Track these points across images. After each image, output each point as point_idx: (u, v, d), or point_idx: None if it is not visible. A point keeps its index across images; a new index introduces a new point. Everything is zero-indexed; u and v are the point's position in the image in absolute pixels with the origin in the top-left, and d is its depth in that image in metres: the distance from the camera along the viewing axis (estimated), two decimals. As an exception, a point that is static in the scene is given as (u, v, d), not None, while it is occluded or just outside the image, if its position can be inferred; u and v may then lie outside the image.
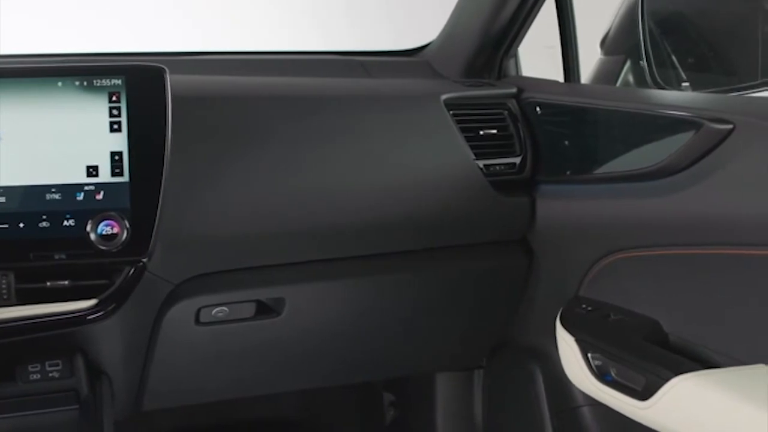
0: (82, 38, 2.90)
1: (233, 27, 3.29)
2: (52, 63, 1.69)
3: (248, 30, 3.25)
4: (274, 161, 1.84)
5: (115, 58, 2.13)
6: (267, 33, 3.22)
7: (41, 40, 2.59)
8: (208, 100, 1.85)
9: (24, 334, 1.65)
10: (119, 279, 1.67)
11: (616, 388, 1.69)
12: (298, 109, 1.90)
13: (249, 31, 3.24)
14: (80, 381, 1.69)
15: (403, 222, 1.93)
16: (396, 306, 2.05)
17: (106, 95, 1.62)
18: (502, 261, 2.09)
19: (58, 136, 1.61)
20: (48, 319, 1.65)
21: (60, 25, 2.99)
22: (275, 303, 1.90)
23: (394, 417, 2.59)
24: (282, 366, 2.06)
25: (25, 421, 1.63)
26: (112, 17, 3.11)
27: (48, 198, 1.60)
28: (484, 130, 2.00)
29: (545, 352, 2.07)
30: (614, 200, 1.84)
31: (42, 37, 2.76)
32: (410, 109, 1.98)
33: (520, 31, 2.17)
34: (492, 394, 2.33)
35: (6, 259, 1.59)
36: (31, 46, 2.26)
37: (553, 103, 2.04)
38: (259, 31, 3.25)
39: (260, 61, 2.22)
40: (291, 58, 2.29)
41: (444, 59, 2.28)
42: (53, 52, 2.14)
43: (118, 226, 1.61)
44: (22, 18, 2.89)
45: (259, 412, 2.62)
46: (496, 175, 1.99)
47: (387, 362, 2.19)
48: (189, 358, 1.92)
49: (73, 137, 1.61)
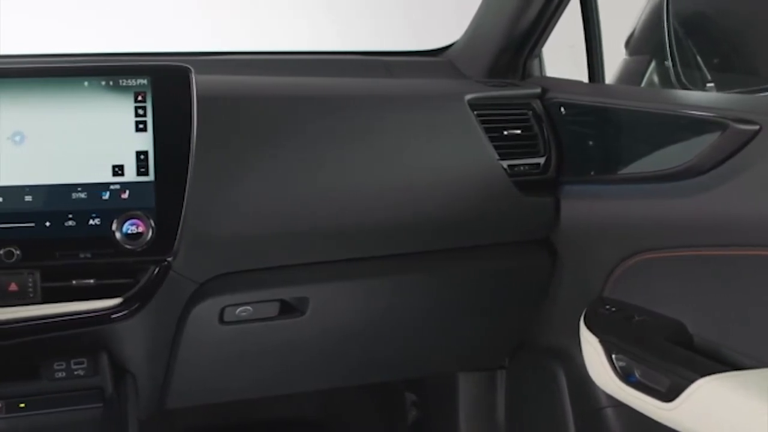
0: (102, 39, 2.91)
1: (252, 27, 3.29)
2: (77, 63, 1.70)
3: (266, 30, 3.26)
4: (297, 161, 1.84)
5: (140, 58, 2.14)
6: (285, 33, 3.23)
7: (61, 41, 2.60)
8: (232, 100, 1.85)
9: (49, 332, 1.66)
10: (144, 278, 1.68)
11: (641, 389, 1.68)
12: (321, 109, 1.90)
13: (266, 30, 3.25)
14: (105, 379, 1.70)
15: (427, 222, 1.93)
16: (419, 306, 2.05)
17: (132, 95, 1.63)
18: (525, 261, 2.09)
19: (84, 135, 1.62)
20: (73, 317, 1.66)
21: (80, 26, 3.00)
22: (299, 302, 1.91)
23: (416, 417, 2.59)
24: (304, 365, 2.06)
25: (50, 419, 1.64)
26: (131, 17, 3.12)
27: (74, 197, 1.61)
28: (508, 130, 2.00)
29: (568, 353, 2.07)
30: (639, 201, 1.83)
31: (62, 38, 2.77)
32: (434, 109, 1.98)
33: (544, 31, 2.17)
34: (514, 395, 2.33)
35: (32, 257, 1.60)
36: (50, 47, 2.27)
37: (578, 103, 2.03)
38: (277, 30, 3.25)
39: (283, 61, 2.23)
40: (314, 58, 2.30)
41: (468, 59, 2.28)
42: (75, 52, 2.15)
43: (143, 226, 1.62)
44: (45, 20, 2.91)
45: (280, 411, 2.63)
46: (520, 175, 1.99)
47: (409, 362, 2.20)
48: (212, 357, 1.93)
49: (98, 137, 1.62)
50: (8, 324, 1.63)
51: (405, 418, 2.60)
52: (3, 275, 1.60)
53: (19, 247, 1.58)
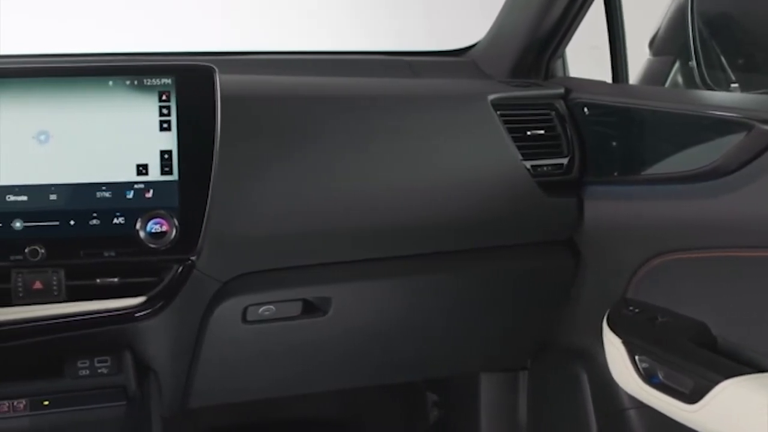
0: (126, 38, 2.92)
1: (271, 26, 3.30)
2: (102, 62, 1.71)
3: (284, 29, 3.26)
4: (320, 161, 1.84)
5: (163, 57, 2.14)
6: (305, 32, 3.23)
7: (85, 41, 2.61)
8: (256, 99, 1.86)
9: (73, 330, 1.67)
10: (168, 277, 1.69)
11: (664, 390, 1.68)
12: (344, 108, 1.90)
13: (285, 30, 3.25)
14: (128, 377, 1.70)
15: (450, 222, 1.93)
16: (441, 306, 2.05)
17: (156, 94, 1.63)
18: (548, 261, 2.08)
19: (108, 134, 1.62)
20: (97, 315, 1.67)
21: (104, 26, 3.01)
22: (321, 302, 1.91)
23: (437, 418, 2.59)
24: (326, 365, 2.06)
25: (74, 416, 1.65)
26: (150, 17, 3.13)
27: (98, 196, 1.61)
28: (531, 130, 2.00)
29: (591, 354, 2.06)
30: (663, 202, 1.82)
31: (86, 38, 2.78)
32: (457, 109, 1.98)
33: (568, 32, 2.16)
34: (536, 396, 2.32)
35: (57, 256, 1.61)
36: (75, 47, 2.28)
37: (601, 103, 2.02)
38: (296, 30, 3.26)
39: (306, 61, 2.23)
40: (337, 58, 2.30)
41: (491, 59, 2.27)
42: (99, 51, 2.16)
43: (167, 225, 1.62)
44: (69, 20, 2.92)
45: (302, 411, 2.63)
46: (543, 175, 1.99)
47: (431, 362, 2.19)
48: (235, 356, 1.93)
49: (123, 136, 1.63)
50: (33, 322, 1.64)
51: (426, 418, 2.60)
52: (28, 273, 1.61)
53: (43, 246, 1.59)
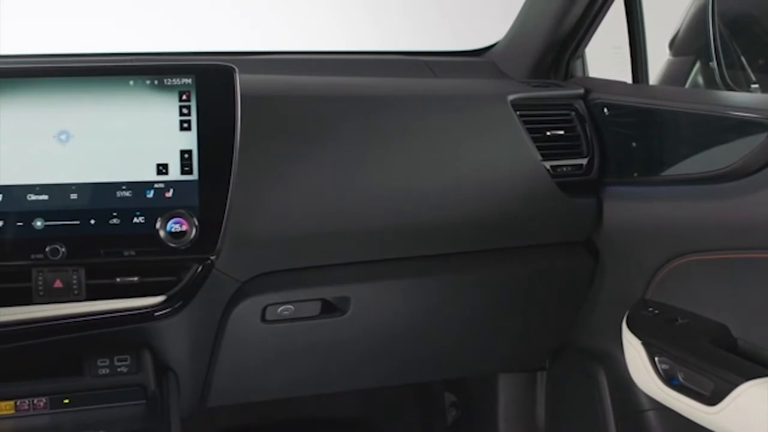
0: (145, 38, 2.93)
1: (289, 26, 3.30)
2: (122, 62, 1.71)
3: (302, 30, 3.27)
4: (339, 161, 1.84)
5: (183, 57, 2.15)
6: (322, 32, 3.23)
7: (105, 41, 2.62)
8: (275, 99, 1.86)
9: (93, 329, 1.67)
10: (187, 276, 1.69)
11: (684, 392, 1.67)
12: (364, 108, 1.90)
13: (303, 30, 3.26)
14: (147, 376, 1.70)
15: (469, 222, 1.92)
16: (460, 306, 2.05)
17: (177, 94, 1.64)
18: (566, 262, 2.08)
19: (128, 134, 1.63)
20: (117, 314, 1.68)
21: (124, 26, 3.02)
22: (340, 302, 1.91)
23: (455, 418, 2.58)
24: (345, 365, 2.06)
25: (94, 415, 1.65)
26: (168, 17, 3.14)
27: (118, 195, 1.62)
28: (551, 130, 1.99)
29: (610, 355, 2.05)
30: (683, 203, 1.81)
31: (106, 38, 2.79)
32: (477, 109, 1.98)
33: (588, 32, 2.16)
34: (555, 397, 2.32)
35: (77, 255, 1.61)
36: (95, 46, 2.29)
37: (621, 104, 2.02)
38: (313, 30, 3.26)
39: (325, 60, 2.23)
40: (356, 58, 2.30)
41: (510, 59, 2.27)
42: (120, 51, 2.17)
43: (187, 224, 1.62)
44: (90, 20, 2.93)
45: (320, 410, 2.63)
46: (562, 176, 1.98)
47: (449, 362, 2.19)
48: (254, 355, 1.93)
49: (143, 135, 1.63)
50: (53, 320, 1.65)
51: (444, 418, 2.60)
52: (48, 272, 1.62)
53: (64, 245, 1.60)
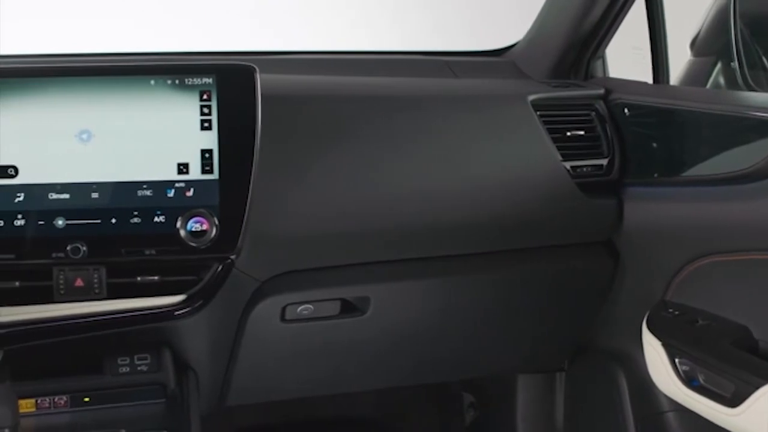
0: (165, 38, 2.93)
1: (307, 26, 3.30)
2: (143, 62, 1.71)
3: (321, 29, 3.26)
4: (360, 160, 1.84)
5: (204, 57, 2.15)
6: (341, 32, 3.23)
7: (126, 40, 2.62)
8: (296, 99, 1.86)
9: (114, 327, 1.68)
10: (207, 275, 1.69)
11: (704, 394, 1.67)
12: (384, 108, 1.91)
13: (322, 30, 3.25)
14: (167, 375, 1.71)
15: (488, 223, 1.92)
16: (478, 306, 2.04)
17: (197, 93, 1.64)
18: (586, 263, 2.07)
19: (149, 133, 1.63)
20: (137, 313, 1.68)
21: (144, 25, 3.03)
22: (360, 302, 1.91)
23: (473, 418, 2.58)
24: (364, 365, 2.06)
25: (114, 413, 1.65)
26: (186, 17, 3.14)
27: (139, 194, 1.62)
28: (571, 131, 1.99)
29: (629, 356, 2.05)
30: (704, 203, 1.81)
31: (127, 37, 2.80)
32: (497, 109, 1.98)
33: (608, 32, 2.15)
34: (574, 398, 2.31)
35: (98, 254, 1.62)
36: (116, 46, 2.29)
37: (642, 104, 2.01)
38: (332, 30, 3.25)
39: (345, 60, 2.23)
40: (376, 58, 2.30)
41: (530, 59, 2.27)
42: (140, 51, 2.17)
43: (207, 223, 1.63)
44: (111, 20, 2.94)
45: (338, 410, 2.63)
46: (583, 176, 1.98)
47: (468, 362, 2.19)
48: (273, 355, 1.94)
49: (164, 135, 1.64)
50: (74, 319, 1.65)
51: (462, 419, 2.60)
52: (69, 271, 1.63)
53: (85, 244, 1.60)
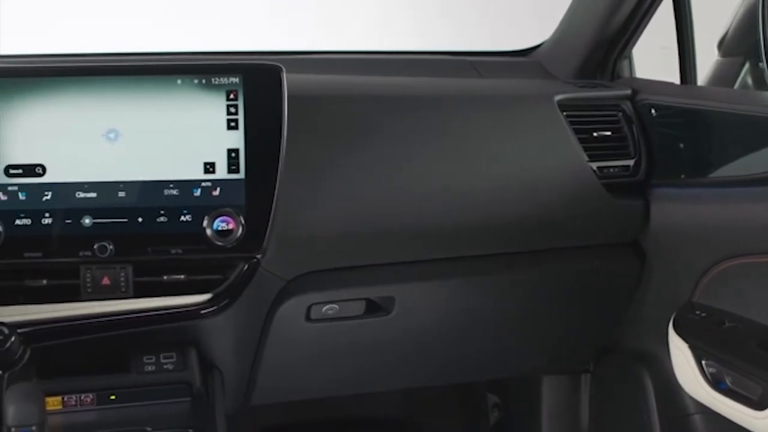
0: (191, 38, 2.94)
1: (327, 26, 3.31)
2: (170, 61, 1.72)
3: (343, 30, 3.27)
4: (385, 160, 1.84)
5: (229, 56, 2.16)
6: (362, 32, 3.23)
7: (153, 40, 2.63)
8: (322, 99, 1.86)
9: (140, 326, 1.68)
10: (233, 274, 1.70)
11: (731, 396, 1.66)
12: (409, 108, 1.90)
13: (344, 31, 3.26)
14: (193, 374, 1.71)
15: (515, 223, 1.92)
16: (503, 307, 2.04)
17: (224, 93, 1.65)
18: (612, 264, 2.06)
19: (176, 132, 1.64)
20: (163, 312, 1.69)
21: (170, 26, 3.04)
22: (385, 302, 1.91)
23: (498, 419, 2.57)
24: (388, 365, 2.06)
25: (139, 411, 1.66)
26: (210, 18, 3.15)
27: (166, 193, 1.63)
28: (598, 131, 1.98)
29: (655, 358, 2.04)
30: (731, 204, 1.80)
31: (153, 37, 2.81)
32: (523, 109, 1.97)
33: (635, 32, 2.14)
34: (599, 400, 2.30)
35: (125, 252, 1.63)
36: (142, 46, 2.30)
37: (669, 105, 2.00)
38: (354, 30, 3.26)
39: (370, 60, 2.23)
40: (401, 58, 2.30)
41: (556, 59, 2.26)
42: (167, 51, 2.18)
43: (234, 223, 1.63)
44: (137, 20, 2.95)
45: (362, 409, 2.63)
46: (609, 177, 1.97)
47: (492, 363, 2.18)
48: (298, 354, 1.94)
49: (191, 134, 1.64)
50: (100, 317, 1.66)
51: (486, 419, 2.59)
52: (96, 269, 1.64)
53: (112, 242, 1.62)
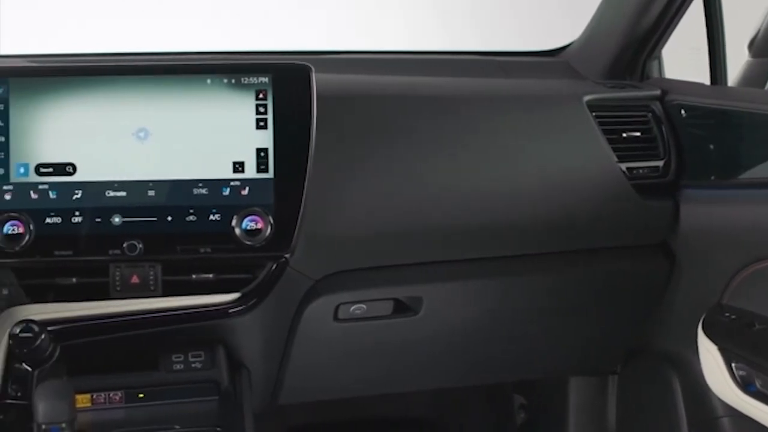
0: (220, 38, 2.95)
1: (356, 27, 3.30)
2: (200, 61, 1.73)
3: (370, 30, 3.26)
4: (413, 160, 1.84)
5: (257, 56, 2.16)
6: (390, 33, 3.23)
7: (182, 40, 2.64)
8: (350, 99, 1.87)
9: (168, 324, 1.69)
10: (262, 274, 1.71)
11: (761, 399, 1.65)
12: (437, 108, 1.90)
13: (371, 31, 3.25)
14: (221, 372, 1.71)
15: (543, 223, 1.92)
16: (532, 308, 2.03)
17: (253, 93, 1.65)
18: (641, 265, 2.06)
19: (205, 132, 1.65)
20: (192, 310, 1.70)
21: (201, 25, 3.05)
22: (413, 302, 1.91)
23: (525, 420, 2.56)
24: (416, 365, 2.06)
25: (168, 409, 1.66)
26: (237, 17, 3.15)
27: (195, 193, 1.64)
28: (627, 132, 1.98)
29: (684, 360, 2.03)
30: (762, 206, 1.79)
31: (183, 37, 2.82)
32: (551, 110, 1.97)
33: (665, 32, 2.13)
34: (626, 401, 2.29)
35: (154, 251, 1.64)
36: (172, 45, 2.31)
37: (699, 105, 1.99)
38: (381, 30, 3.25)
39: (398, 60, 2.23)
40: (430, 58, 2.30)
41: (585, 60, 2.25)
42: (196, 50, 2.19)
43: (262, 222, 1.64)
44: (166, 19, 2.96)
45: (389, 410, 2.63)
46: (638, 178, 1.96)
47: (519, 363, 2.18)
48: (326, 354, 1.94)
49: (220, 133, 1.65)
50: (129, 316, 1.67)
51: (513, 420, 2.58)
52: (125, 268, 1.65)
53: (141, 241, 1.62)
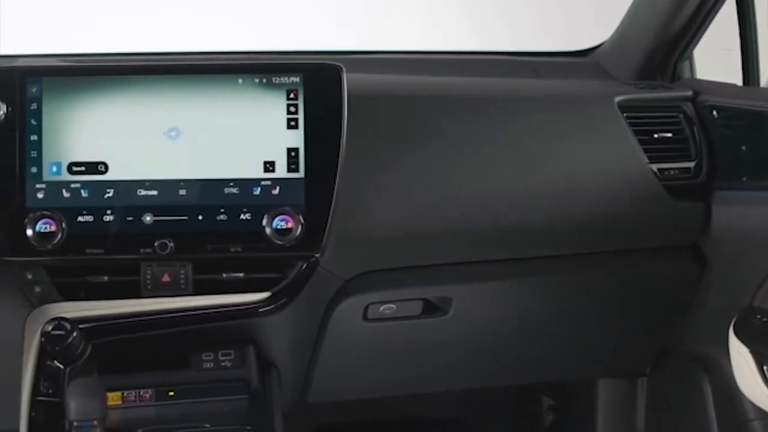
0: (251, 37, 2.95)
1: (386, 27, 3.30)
2: (231, 60, 1.73)
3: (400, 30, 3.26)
4: (443, 160, 1.84)
5: (288, 56, 2.17)
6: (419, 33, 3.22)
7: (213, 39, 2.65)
8: (381, 99, 1.87)
9: (199, 323, 1.71)
10: (292, 273, 1.71)
11: (793, 403, 1.63)
12: (468, 109, 1.90)
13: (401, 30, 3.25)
14: (251, 371, 1.72)
15: (573, 224, 1.91)
16: (561, 308, 2.03)
17: (284, 92, 1.65)
18: (671, 267, 2.05)
19: (236, 131, 1.65)
20: (222, 309, 1.71)
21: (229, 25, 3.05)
22: (442, 302, 1.91)
23: (553, 422, 2.56)
24: (445, 365, 2.06)
25: (198, 408, 1.67)
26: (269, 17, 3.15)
27: (226, 192, 1.65)
28: (658, 133, 1.96)
29: (715, 362, 2.02)
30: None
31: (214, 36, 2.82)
32: (582, 110, 1.96)
33: (697, 32, 2.12)
34: (656, 404, 2.28)
35: (185, 250, 1.64)
36: (203, 44, 2.32)
37: (732, 106, 1.98)
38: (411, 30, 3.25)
39: (428, 60, 2.23)
40: (458, 58, 2.29)
41: (616, 60, 2.24)
42: (227, 50, 2.19)
43: (293, 222, 1.64)
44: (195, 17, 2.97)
45: (417, 410, 2.63)
46: (670, 179, 1.95)
47: (549, 365, 2.17)
48: (355, 353, 1.94)
49: (251, 133, 1.65)
50: (160, 314, 1.69)
51: (541, 422, 2.58)
52: (157, 267, 1.66)
53: (172, 240, 1.63)
